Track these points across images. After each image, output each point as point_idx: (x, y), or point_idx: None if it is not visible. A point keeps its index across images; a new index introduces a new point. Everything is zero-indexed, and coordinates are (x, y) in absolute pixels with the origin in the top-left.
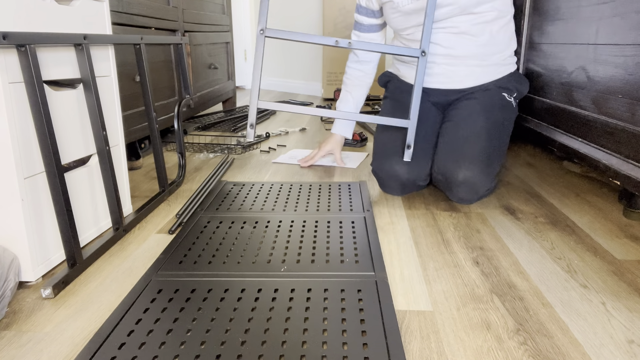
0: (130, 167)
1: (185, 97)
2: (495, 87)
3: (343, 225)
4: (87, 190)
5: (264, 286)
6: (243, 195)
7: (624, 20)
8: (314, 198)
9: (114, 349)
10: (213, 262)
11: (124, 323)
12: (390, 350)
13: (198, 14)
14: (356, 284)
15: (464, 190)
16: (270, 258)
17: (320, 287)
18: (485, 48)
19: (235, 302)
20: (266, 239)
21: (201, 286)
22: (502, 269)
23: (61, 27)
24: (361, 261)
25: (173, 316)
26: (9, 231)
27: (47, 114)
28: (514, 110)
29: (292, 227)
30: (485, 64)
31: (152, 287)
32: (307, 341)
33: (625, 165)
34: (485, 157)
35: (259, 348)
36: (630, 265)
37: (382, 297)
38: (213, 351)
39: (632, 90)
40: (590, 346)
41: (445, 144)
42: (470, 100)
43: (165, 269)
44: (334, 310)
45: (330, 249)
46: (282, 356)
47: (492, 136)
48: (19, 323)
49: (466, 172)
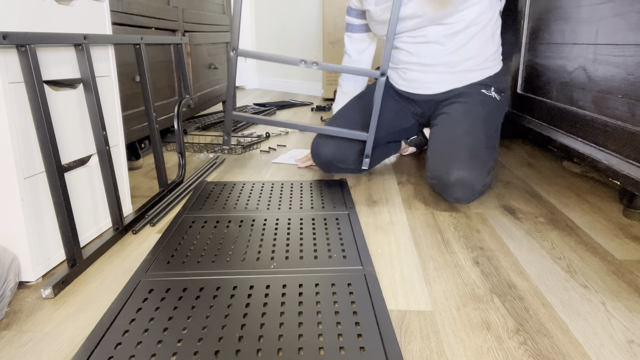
0: (130, 167)
1: (185, 97)
2: (472, 87)
3: (328, 222)
4: (87, 190)
5: (256, 283)
6: (225, 195)
7: (624, 20)
8: (296, 196)
9: (110, 349)
10: (202, 261)
11: (117, 324)
12: (384, 339)
13: (198, 14)
14: (346, 277)
15: (459, 190)
16: (259, 256)
17: (311, 282)
18: (454, 56)
19: (228, 299)
20: (253, 237)
21: (192, 285)
22: (502, 269)
23: (61, 27)
24: (349, 256)
25: (167, 315)
26: (9, 231)
27: (47, 114)
28: (500, 103)
29: (277, 225)
30: (455, 71)
31: (142, 288)
32: (303, 334)
33: (625, 165)
34: (474, 153)
35: (256, 343)
36: (630, 265)
37: (372, 289)
38: (211, 347)
39: (632, 90)
40: (590, 346)
41: (433, 149)
42: (452, 105)
43: (153, 269)
44: (326, 304)
45: (317, 245)
46: (280, 349)
47: (478, 132)
48: (19, 323)
49: (458, 172)
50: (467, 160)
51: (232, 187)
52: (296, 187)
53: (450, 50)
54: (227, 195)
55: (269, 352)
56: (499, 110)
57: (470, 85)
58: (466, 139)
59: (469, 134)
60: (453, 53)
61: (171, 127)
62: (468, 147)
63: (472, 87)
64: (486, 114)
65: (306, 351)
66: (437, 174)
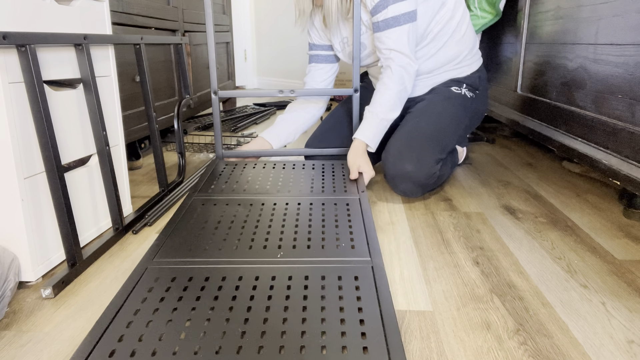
0: (130, 167)
1: (185, 97)
2: (445, 84)
3: (338, 207)
4: (87, 190)
5: (262, 273)
6: (237, 175)
7: (624, 20)
8: (307, 179)
9: (113, 341)
10: (209, 248)
11: (122, 314)
12: (388, 339)
13: (198, 14)
14: (353, 270)
15: (401, 183)
16: (266, 243)
17: (318, 273)
18: (429, 62)
19: (233, 291)
20: (261, 223)
21: (198, 274)
22: (502, 269)
23: (61, 27)
24: (357, 246)
25: (172, 306)
26: (9, 231)
27: (47, 114)
28: (469, 100)
29: (286, 210)
30: (433, 75)
31: (148, 275)
32: (306, 331)
33: (625, 165)
34: (417, 147)
35: (258, 339)
36: (630, 265)
37: (379, 283)
38: (213, 343)
39: (632, 90)
40: (590, 346)
41: (386, 147)
42: (418, 104)
43: (161, 255)
44: (331, 299)
45: (325, 233)
46: (282, 347)
47: (430, 125)
48: (19, 323)
49: (398, 166)
50: (408, 152)
51: (244, 167)
52: (308, 168)
53: (424, 59)
54: (239, 176)
55: (270, 351)
56: (466, 107)
57: (444, 82)
58: (414, 132)
59: (417, 128)
60: (427, 60)
61: (171, 127)
62: (413, 141)
63: (445, 83)
64: (446, 108)
65: (308, 350)
66: (385, 169)
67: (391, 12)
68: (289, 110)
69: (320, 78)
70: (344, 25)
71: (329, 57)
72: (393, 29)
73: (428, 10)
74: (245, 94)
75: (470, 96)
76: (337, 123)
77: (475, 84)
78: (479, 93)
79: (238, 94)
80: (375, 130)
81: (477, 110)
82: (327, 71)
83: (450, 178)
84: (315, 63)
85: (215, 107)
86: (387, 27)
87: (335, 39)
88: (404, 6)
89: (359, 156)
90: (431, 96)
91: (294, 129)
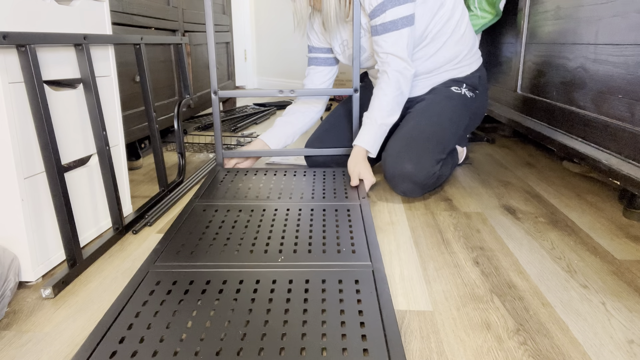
0: (130, 167)
1: (185, 97)
2: (445, 84)
3: (339, 213)
4: (87, 190)
5: (262, 277)
6: (238, 182)
7: (624, 20)
8: (309, 185)
9: (114, 343)
10: (210, 252)
11: (124, 316)
12: (389, 341)
13: (198, 14)
14: (354, 274)
15: (400, 182)
16: (267, 248)
17: (318, 277)
18: (429, 63)
19: (234, 294)
20: (262, 228)
21: (199, 277)
22: (502, 269)
23: (61, 27)
24: (358, 251)
25: (172, 309)
26: (9, 231)
27: (47, 114)
28: (469, 100)
29: (287, 216)
30: (433, 75)
31: (150, 279)
32: (306, 333)
33: (625, 165)
34: (417, 147)
35: (259, 341)
36: (630, 265)
37: (380, 288)
38: (213, 345)
39: (632, 90)
40: (590, 346)
41: (385, 148)
42: (418, 104)
43: (162, 259)
44: (332, 302)
45: (326, 238)
46: (282, 349)
47: (430, 126)
48: (19, 323)
49: (397, 166)
50: (406, 153)
51: (245, 174)
52: (309, 175)
53: (423, 60)
54: (240, 182)
55: (271, 352)
56: (466, 106)
57: (444, 82)
58: (413, 132)
59: (417, 128)
60: (427, 61)
61: (171, 127)
62: (412, 141)
63: (445, 83)
64: (446, 109)
65: (309, 352)
66: (385, 169)
67: (389, 16)
68: (288, 112)
69: (319, 80)
70: (344, 28)
71: (328, 60)
72: (391, 32)
73: (427, 12)
74: (245, 94)
75: (470, 96)
76: (337, 123)
77: (475, 84)
78: (479, 93)
79: (238, 94)
80: (375, 135)
81: (477, 110)
82: (326, 74)
83: (450, 178)
84: (315, 66)
85: (215, 108)
86: (385, 31)
87: (335, 42)
88: (402, 10)
89: (360, 163)
90: (431, 96)
91: (293, 132)
